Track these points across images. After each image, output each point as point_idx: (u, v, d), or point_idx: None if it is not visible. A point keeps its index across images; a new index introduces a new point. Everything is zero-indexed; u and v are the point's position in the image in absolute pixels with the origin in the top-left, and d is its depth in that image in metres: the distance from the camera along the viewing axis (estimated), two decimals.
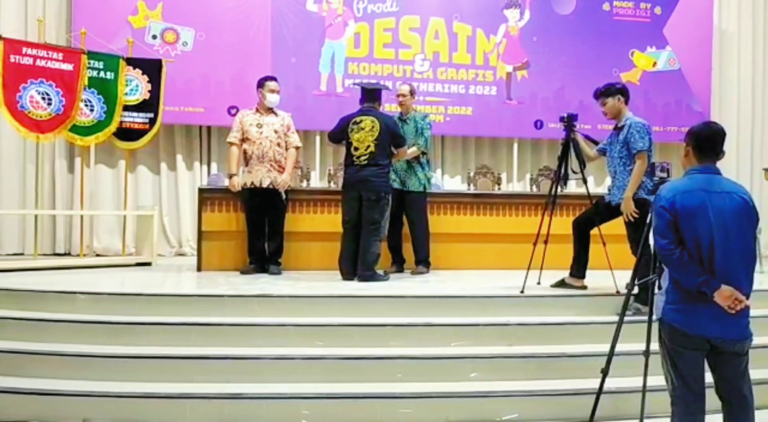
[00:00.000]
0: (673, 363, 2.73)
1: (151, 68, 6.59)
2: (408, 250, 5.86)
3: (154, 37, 7.31)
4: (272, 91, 5.58)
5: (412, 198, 5.71)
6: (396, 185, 5.70)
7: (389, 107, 7.91)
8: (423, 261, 5.73)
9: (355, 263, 5.26)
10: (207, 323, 4.13)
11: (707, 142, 2.75)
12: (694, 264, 2.63)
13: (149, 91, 6.55)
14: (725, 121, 8.24)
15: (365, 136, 5.21)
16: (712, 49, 8.73)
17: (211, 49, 7.40)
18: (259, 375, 3.80)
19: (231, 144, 5.65)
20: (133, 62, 6.52)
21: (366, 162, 5.21)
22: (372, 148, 5.20)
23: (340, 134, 5.38)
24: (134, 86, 6.51)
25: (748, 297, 2.66)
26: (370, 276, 5.14)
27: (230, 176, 5.61)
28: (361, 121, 5.27)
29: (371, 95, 5.43)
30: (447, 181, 8.30)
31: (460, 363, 3.97)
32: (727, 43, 9.01)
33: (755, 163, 8.81)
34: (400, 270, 5.80)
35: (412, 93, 5.90)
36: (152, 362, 3.83)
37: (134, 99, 6.50)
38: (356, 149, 5.25)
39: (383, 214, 5.20)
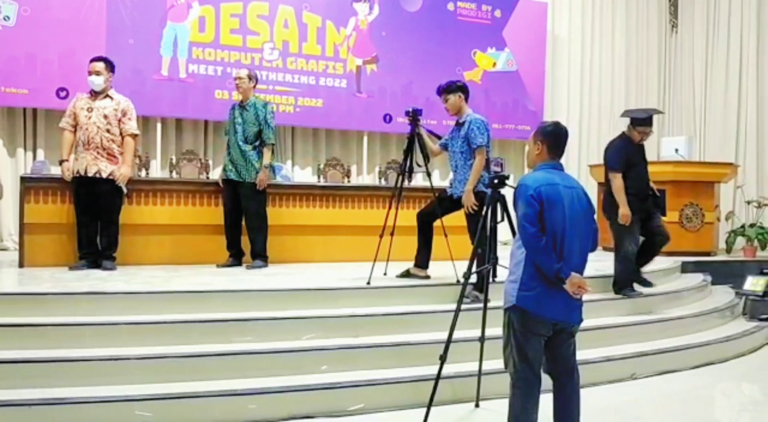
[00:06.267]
0: (520, 347, 2.87)
1: None
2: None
3: None
4: (91, 73, 5.14)
5: (248, 189, 5.54)
6: (232, 176, 5.56)
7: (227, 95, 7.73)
8: (259, 256, 5.58)
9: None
10: (28, 324, 3.76)
11: (560, 140, 2.99)
12: (553, 252, 2.80)
13: None
14: (556, 120, 8.86)
15: None
16: (546, 53, 9.38)
17: (38, 25, 6.77)
18: (88, 378, 3.51)
19: (62, 129, 5.20)
20: None
21: None
22: None
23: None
24: None
25: None
26: None
27: (60, 162, 5.18)
28: None
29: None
30: (297, 172, 8.23)
31: (308, 355, 3.93)
32: (559, 47, 9.73)
33: (582, 160, 9.59)
34: (238, 263, 5.62)
35: (250, 78, 5.63)
36: None
37: None
38: None
39: None
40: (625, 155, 5.13)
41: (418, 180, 6.72)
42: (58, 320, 3.84)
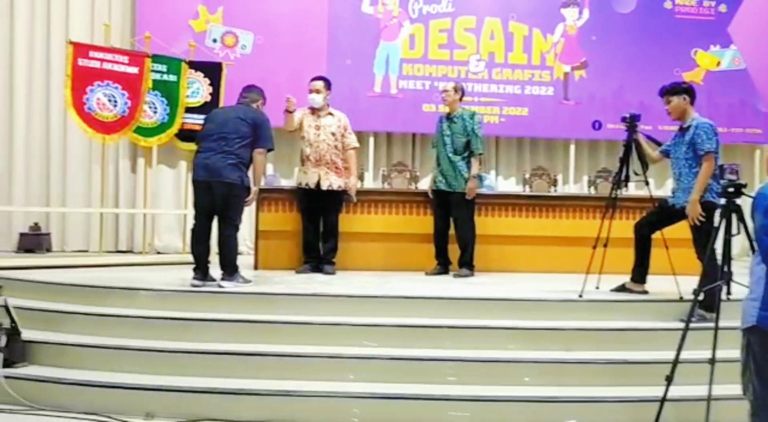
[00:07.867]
0: (760, 371, 2.60)
1: (212, 71, 6.72)
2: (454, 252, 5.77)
3: (215, 40, 7.47)
4: (311, 91, 5.61)
5: (458, 199, 5.64)
6: (442, 186, 5.67)
7: (434, 108, 7.89)
8: (467, 264, 5.65)
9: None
10: (263, 320, 4.19)
11: None
12: None
13: (210, 94, 6.69)
14: None
15: None
16: None
17: (269, 52, 7.51)
18: (312, 373, 3.82)
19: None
20: (194, 65, 6.66)
21: None
22: None
23: None
24: (195, 88, 6.66)
25: None
26: None
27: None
28: None
29: None
30: (501, 182, 8.20)
31: (515, 366, 3.91)
32: None
33: None
34: (445, 272, 5.73)
35: (456, 90, 5.72)
36: (210, 357, 3.90)
37: (195, 101, 6.65)
38: None
39: None
40: None
41: (631, 188, 6.34)
42: (288, 318, 4.21)
